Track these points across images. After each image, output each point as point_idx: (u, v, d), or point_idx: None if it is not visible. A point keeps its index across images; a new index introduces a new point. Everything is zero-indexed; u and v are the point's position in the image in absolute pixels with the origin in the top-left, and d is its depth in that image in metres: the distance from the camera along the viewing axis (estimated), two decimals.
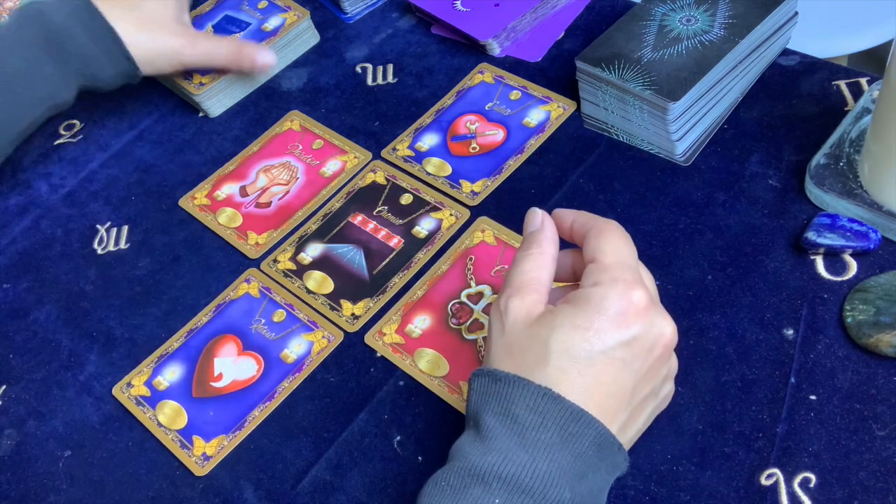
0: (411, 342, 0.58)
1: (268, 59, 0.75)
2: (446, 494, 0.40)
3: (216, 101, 0.78)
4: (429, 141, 0.70)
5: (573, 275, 0.49)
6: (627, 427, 0.44)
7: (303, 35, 0.81)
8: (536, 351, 0.42)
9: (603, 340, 0.41)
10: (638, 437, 0.47)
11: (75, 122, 0.82)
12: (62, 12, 0.66)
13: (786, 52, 0.68)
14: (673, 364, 0.46)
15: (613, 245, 0.44)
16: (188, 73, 0.78)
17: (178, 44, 0.71)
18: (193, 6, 0.84)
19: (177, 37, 0.72)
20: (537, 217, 0.48)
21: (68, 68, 0.67)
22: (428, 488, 0.41)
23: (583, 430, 0.41)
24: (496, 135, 0.69)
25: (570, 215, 0.48)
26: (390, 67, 0.78)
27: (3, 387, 0.63)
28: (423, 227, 0.65)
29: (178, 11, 0.73)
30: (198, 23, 0.84)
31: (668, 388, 0.47)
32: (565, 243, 0.49)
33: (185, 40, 0.72)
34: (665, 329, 0.43)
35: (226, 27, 0.82)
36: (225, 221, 0.69)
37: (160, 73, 0.74)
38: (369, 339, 0.59)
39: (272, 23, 0.81)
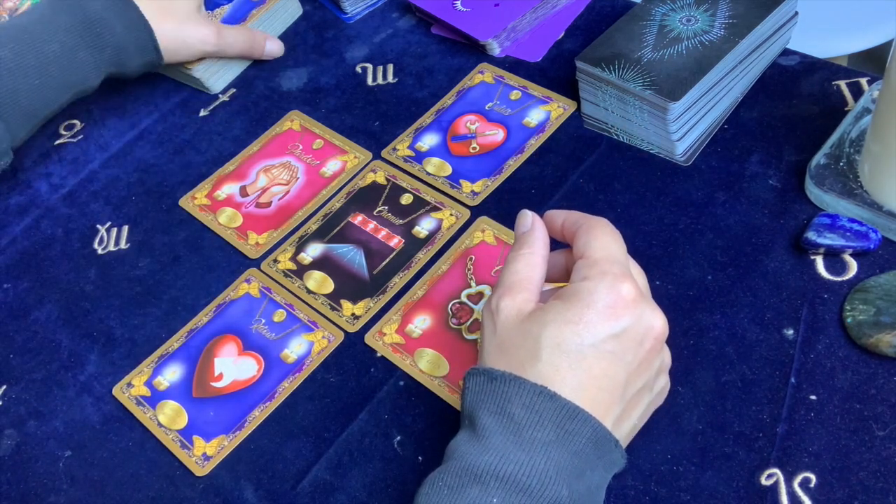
0: (411, 342, 0.58)
1: (276, 49, 0.81)
2: (444, 494, 0.40)
3: (216, 77, 0.80)
4: (429, 141, 0.70)
5: (566, 274, 0.49)
6: (622, 421, 0.44)
7: (287, 7, 0.83)
8: (528, 347, 0.42)
9: (593, 333, 0.41)
10: (634, 433, 0.47)
11: (75, 122, 0.82)
12: (98, 1, 0.69)
13: (786, 52, 0.68)
14: (666, 357, 0.47)
15: (602, 241, 0.45)
16: None
17: (204, 34, 0.75)
18: None
19: (202, 27, 0.75)
20: (528, 218, 0.48)
21: (101, 56, 0.70)
22: (425, 489, 0.41)
23: (579, 428, 0.41)
24: (496, 135, 0.69)
25: (560, 215, 0.48)
26: (390, 67, 0.78)
27: (4, 387, 0.63)
28: (424, 227, 0.65)
29: (199, 2, 0.76)
30: None
31: (663, 382, 0.47)
32: (558, 244, 0.49)
33: (209, 31, 0.75)
34: (655, 322, 0.43)
35: (214, 0, 0.84)
36: (225, 221, 0.69)
37: (178, 62, 0.77)
38: (369, 339, 0.59)
39: None
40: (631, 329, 0.42)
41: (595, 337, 0.42)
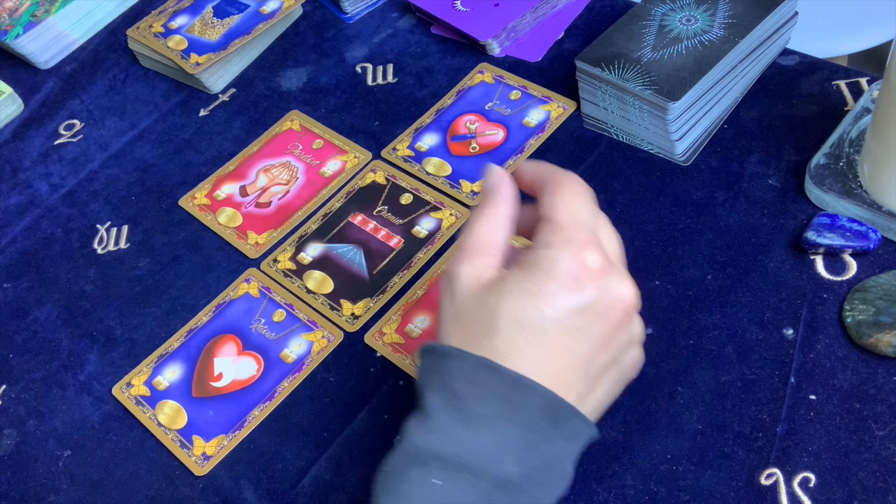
0: (411, 342, 0.58)
1: None
2: (389, 479, 0.38)
3: (216, 77, 0.80)
4: (429, 141, 0.70)
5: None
6: (587, 397, 0.41)
7: (293, 14, 0.84)
8: (485, 320, 0.39)
9: (554, 307, 0.38)
10: (604, 407, 0.43)
11: (75, 122, 0.82)
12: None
13: (786, 52, 0.68)
14: (636, 329, 0.43)
15: (568, 203, 0.41)
16: (185, 54, 0.79)
17: None
18: None
19: None
20: (493, 173, 0.44)
21: None
22: (377, 477, 0.39)
23: (526, 399, 0.38)
24: (496, 135, 0.69)
25: (530, 169, 0.44)
26: (390, 67, 0.78)
27: (3, 387, 0.63)
28: (423, 227, 0.65)
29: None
30: (199, 5, 0.85)
31: (633, 356, 0.44)
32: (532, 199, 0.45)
33: None
34: (622, 293, 0.40)
35: (225, 9, 0.84)
36: (225, 221, 0.69)
37: None
38: (369, 338, 0.59)
39: (270, 6, 0.82)
40: (596, 302, 0.39)
41: (556, 311, 0.38)
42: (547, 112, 0.70)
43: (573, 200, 0.41)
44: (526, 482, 0.38)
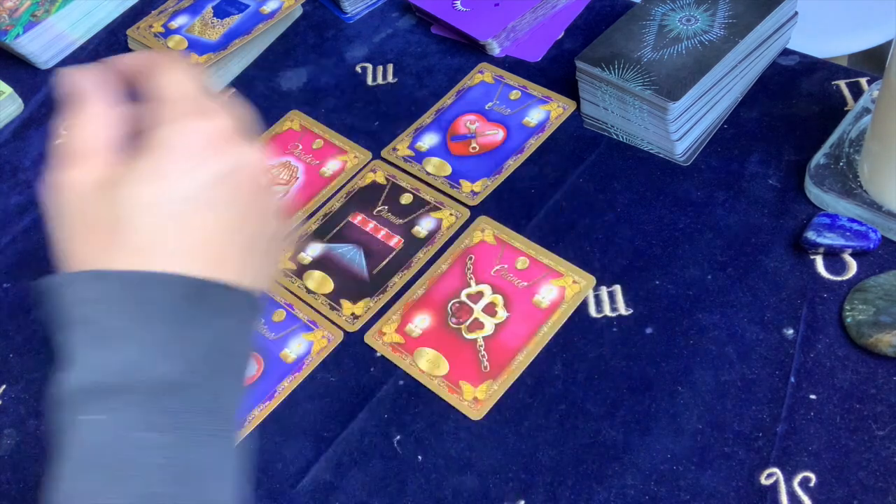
0: (411, 341, 0.58)
1: None
2: (55, 438, 0.34)
3: (216, 77, 0.80)
4: (429, 141, 0.70)
5: None
6: (245, 269, 0.38)
7: (293, 14, 0.84)
8: (109, 221, 0.35)
9: (176, 187, 0.36)
10: (269, 273, 0.41)
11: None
12: None
13: (786, 52, 0.68)
14: (269, 198, 0.40)
15: (171, 78, 0.39)
16: (185, 54, 0.80)
17: None
18: None
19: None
20: (69, 79, 0.40)
21: None
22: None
23: (158, 293, 0.35)
24: (496, 134, 0.69)
25: (127, 61, 0.41)
26: (390, 67, 0.78)
27: (3, 386, 0.63)
28: (423, 227, 0.65)
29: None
30: (199, 5, 0.85)
31: (279, 226, 0.41)
32: None
33: None
34: (247, 158, 0.37)
35: (225, 9, 0.84)
36: None
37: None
38: (369, 338, 0.59)
39: (270, 6, 0.82)
40: (220, 171, 0.36)
41: (179, 190, 0.35)
42: (547, 112, 0.70)
43: (176, 77, 0.39)
44: (196, 376, 0.35)
